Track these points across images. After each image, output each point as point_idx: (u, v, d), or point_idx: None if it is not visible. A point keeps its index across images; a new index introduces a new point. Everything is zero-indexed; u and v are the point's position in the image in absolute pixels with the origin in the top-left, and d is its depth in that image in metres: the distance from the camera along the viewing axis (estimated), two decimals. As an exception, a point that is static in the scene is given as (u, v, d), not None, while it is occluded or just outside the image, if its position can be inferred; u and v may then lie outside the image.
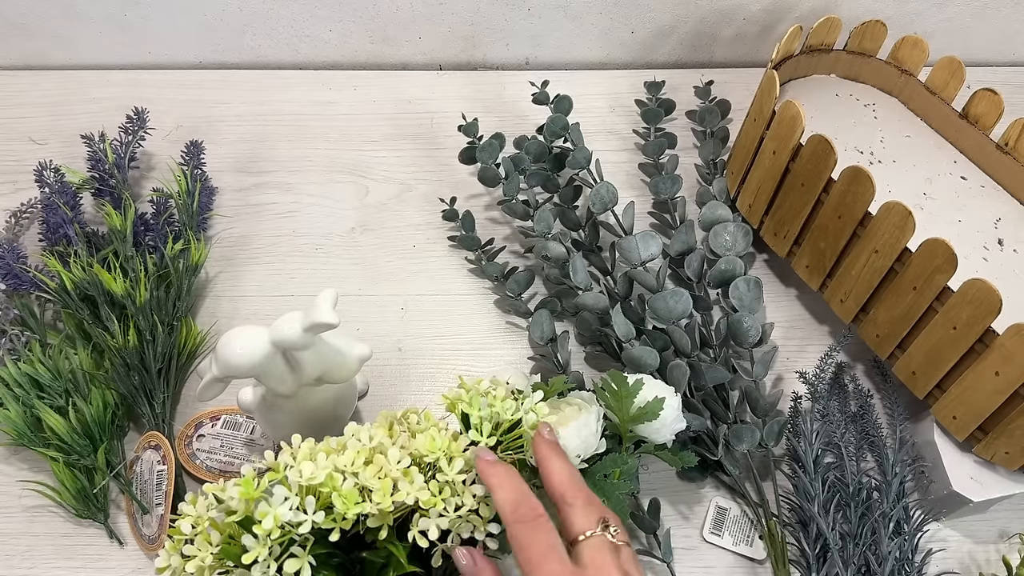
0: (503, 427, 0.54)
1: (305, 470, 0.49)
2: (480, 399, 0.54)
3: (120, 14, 0.88)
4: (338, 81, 0.93)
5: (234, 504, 0.48)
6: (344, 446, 0.52)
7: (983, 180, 0.78)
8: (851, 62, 0.83)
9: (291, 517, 0.47)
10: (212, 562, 0.49)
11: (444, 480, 0.50)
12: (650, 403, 0.61)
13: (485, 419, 0.53)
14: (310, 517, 0.48)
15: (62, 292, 0.72)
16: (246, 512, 0.48)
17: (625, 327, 0.70)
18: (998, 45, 0.95)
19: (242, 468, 0.52)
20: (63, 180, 0.77)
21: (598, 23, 0.92)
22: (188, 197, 0.78)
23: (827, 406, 0.70)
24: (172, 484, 0.65)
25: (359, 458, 0.50)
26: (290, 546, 0.48)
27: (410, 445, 0.52)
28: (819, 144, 0.67)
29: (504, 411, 0.53)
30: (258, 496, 0.48)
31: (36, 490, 0.67)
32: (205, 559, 0.49)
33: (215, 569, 0.49)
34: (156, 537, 0.65)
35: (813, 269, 0.73)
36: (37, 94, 0.89)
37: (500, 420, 0.53)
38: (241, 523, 0.48)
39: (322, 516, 0.48)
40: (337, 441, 0.53)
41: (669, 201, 0.80)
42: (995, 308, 0.59)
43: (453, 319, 0.78)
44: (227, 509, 0.48)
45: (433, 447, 0.51)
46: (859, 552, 0.64)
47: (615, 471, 0.61)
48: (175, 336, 0.73)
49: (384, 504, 0.48)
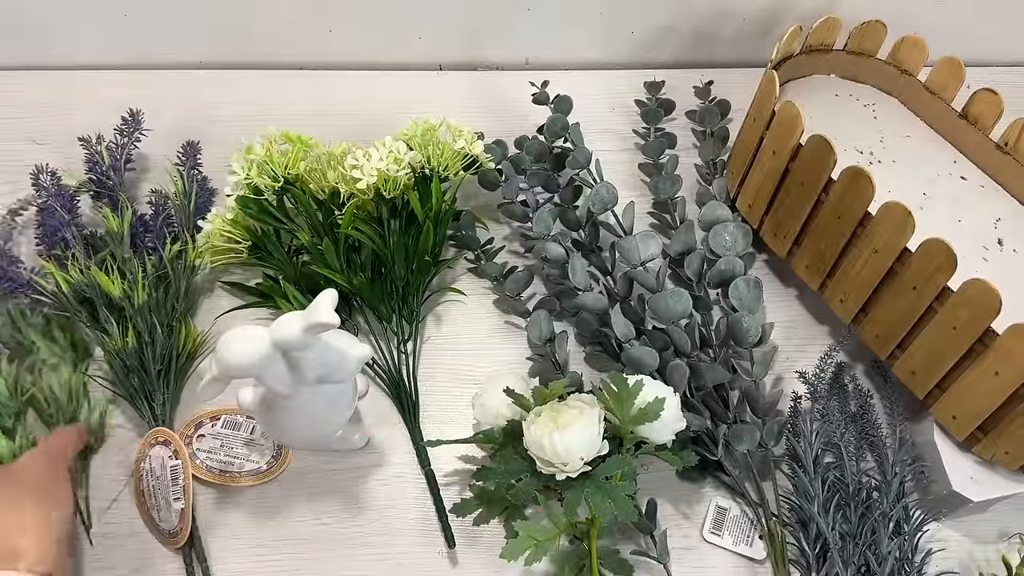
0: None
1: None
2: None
3: (120, 14, 0.88)
4: (338, 81, 0.92)
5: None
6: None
7: (983, 180, 0.78)
8: (851, 62, 0.83)
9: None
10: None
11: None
12: (650, 404, 0.61)
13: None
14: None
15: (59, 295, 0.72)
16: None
17: (625, 327, 0.70)
18: (998, 45, 0.95)
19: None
20: (60, 183, 0.77)
21: (598, 23, 0.92)
22: (184, 198, 0.78)
23: (827, 406, 0.70)
24: (189, 477, 0.66)
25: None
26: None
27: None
28: (819, 144, 0.67)
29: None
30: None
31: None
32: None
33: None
34: (178, 531, 0.65)
35: (813, 269, 0.73)
36: (37, 94, 0.89)
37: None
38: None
39: None
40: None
41: (669, 201, 0.80)
42: (995, 308, 0.59)
43: (452, 318, 0.78)
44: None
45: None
46: (859, 552, 0.64)
47: (617, 473, 0.61)
48: (174, 337, 0.72)
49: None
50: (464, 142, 0.75)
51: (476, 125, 0.80)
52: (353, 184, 0.72)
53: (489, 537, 0.68)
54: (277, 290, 0.74)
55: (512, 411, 0.66)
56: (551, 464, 0.60)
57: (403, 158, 0.72)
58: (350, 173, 0.72)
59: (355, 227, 0.72)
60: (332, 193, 0.75)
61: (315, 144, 0.77)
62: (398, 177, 0.72)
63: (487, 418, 0.67)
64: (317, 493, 0.70)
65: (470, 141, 0.75)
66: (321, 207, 0.75)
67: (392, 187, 0.73)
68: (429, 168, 0.74)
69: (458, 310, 0.79)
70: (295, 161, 0.75)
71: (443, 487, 0.70)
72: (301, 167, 0.75)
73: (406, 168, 0.73)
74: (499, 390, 0.65)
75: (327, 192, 0.75)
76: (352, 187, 0.72)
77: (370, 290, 0.73)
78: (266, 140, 0.75)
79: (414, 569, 0.68)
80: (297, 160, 0.75)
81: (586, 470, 0.61)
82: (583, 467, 0.60)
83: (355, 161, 0.72)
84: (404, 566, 0.68)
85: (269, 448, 0.70)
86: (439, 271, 0.78)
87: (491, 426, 0.67)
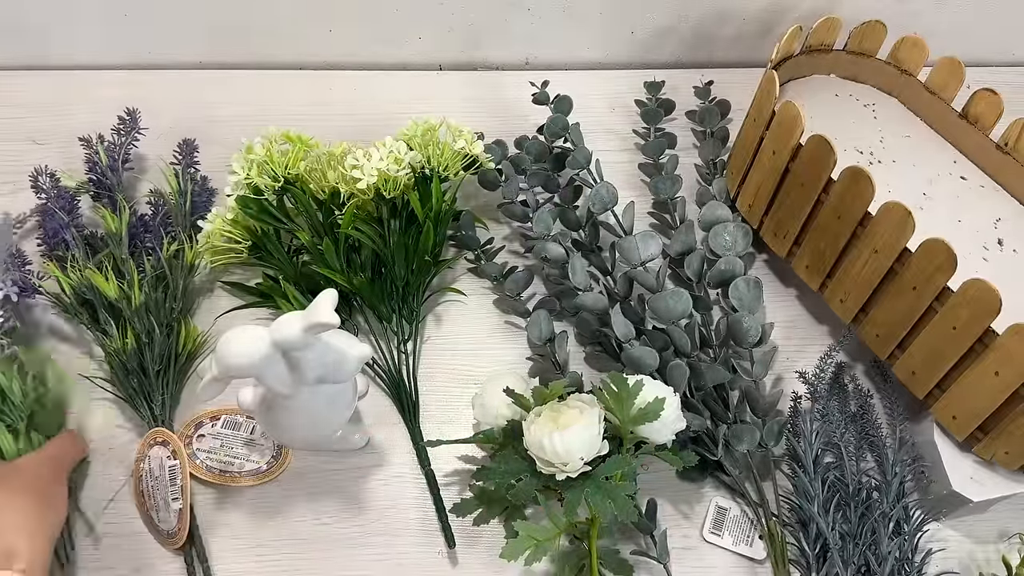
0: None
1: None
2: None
3: (120, 14, 0.88)
4: (338, 81, 0.92)
5: None
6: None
7: (983, 180, 0.78)
8: (851, 62, 0.83)
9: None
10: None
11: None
12: (650, 404, 0.61)
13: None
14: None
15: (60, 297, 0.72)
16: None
17: (625, 327, 0.70)
18: (998, 45, 0.95)
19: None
20: (59, 185, 0.77)
21: (598, 23, 0.92)
22: (180, 197, 0.78)
23: (827, 406, 0.70)
24: (187, 477, 0.66)
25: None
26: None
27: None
28: (819, 144, 0.67)
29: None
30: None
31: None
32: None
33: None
34: (176, 531, 0.65)
35: (813, 269, 0.73)
36: (37, 94, 0.89)
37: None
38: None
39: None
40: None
41: (669, 201, 0.80)
42: (995, 308, 0.59)
43: (452, 318, 0.78)
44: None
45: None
46: (859, 552, 0.64)
47: (617, 473, 0.61)
48: (173, 338, 0.72)
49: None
50: (464, 142, 0.75)
51: (476, 125, 0.80)
52: (353, 184, 0.72)
53: (489, 537, 0.68)
54: (277, 290, 0.74)
55: (512, 411, 0.66)
56: (551, 464, 0.60)
57: (403, 158, 0.72)
58: (350, 173, 0.72)
59: (355, 227, 0.72)
60: (332, 193, 0.75)
61: (315, 144, 0.77)
62: (398, 177, 0.72)
63: (487, 418, 0.67)
64: (317, 493, 0.70)
65: (470, 141, 0.76)
66: (321, 207, 0.76)
67: (392, 187, 0.73)
68: (429, 168, 0.74)
69: (458, 310, 0.79)
70: (295, 161, 0.75)
71: (443, 487, 0.70)
72: (301, 167, 0.75)
73: (406, 168, 0.73)
74: (499, 390, 0.65)
75: (327, 192, 0.75)
76: (352, 187, 0.72)
77: (370, 290, 0.73)
78: (266, 140, 0.75)
79: (414, 569, 0.68)
80: (297, 160, 0.75)
81: (586, 470, 0.61)
82: (583, 467, 0.60)
83: (355, 161, 0.72)
84: (404, 566, 0.68)
85: (269, 448, 0.70)
86: (439, 271, 0.78)
87: (491, 426, 0.67)
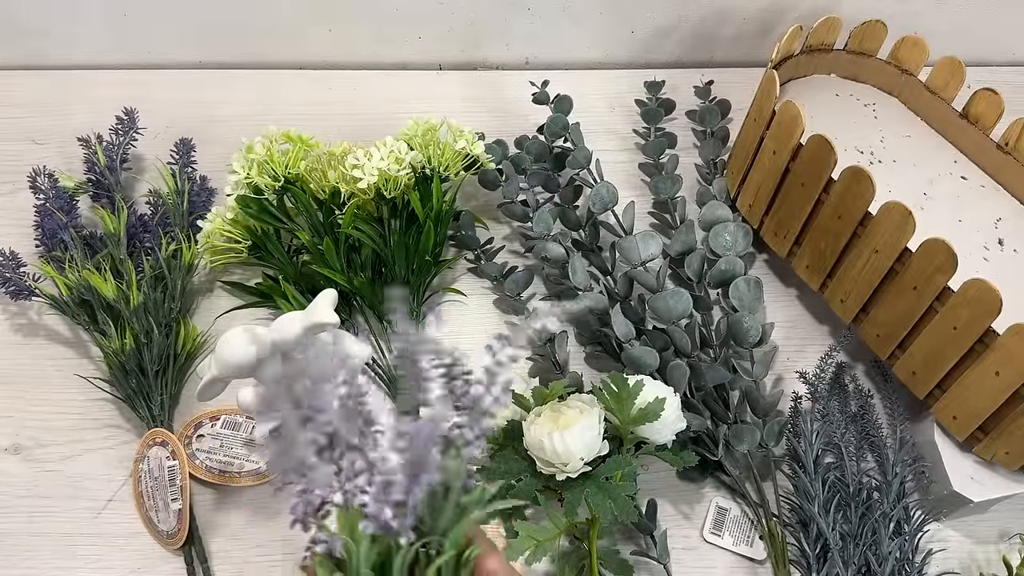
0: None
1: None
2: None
3: (119, 14, 0.88)
4: (338, 81, 0.92)
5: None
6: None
7: (983, 180, 0.78)
8: (851, 62, 0.83)
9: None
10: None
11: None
12: (650, 404, 0.61)
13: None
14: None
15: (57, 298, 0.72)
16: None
17: (625, 327, 0.70)
18: (998, 45, 0.95)
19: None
20: (57, 185, 0.77)
21: (598, 23, 0.92)
22: (178, 196, 0.78)
23: (827, 406, 0.70)
24: (187, 477, 0.66)
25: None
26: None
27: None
28: (819, 144, 0.67)
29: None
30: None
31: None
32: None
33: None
34: (175, 532, 0.65)
35: (813, 269, 0.73)
36: (36, 94, 0.89)
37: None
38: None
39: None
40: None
41: (669, 201, 0.80)
42: (995, 308, 0.59)
43: (452, 319, 0.78)
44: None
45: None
46: (859, 552, 0.64)
47: (617, 473, 0.61)
48: (172, 338, 0.72)
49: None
50: (465, 142, 0.75)
51: (476, 125, 0.80)
52: (354, 184, 0.72)
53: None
54: (277, 290, 0.74)
55: (512, 411, 0.66)
56: (551, 464, 0.60)
57: (404, 158, 0.72)
58: (351, 173, 0.72)
59: (355, 227, 0.72)
60: (332, 193, 0.75)
61: (315, 144, 0.77)
62: (399, 177, 0.72)
63: (487, 418, 0.67)
64: (317, 493, 0.70)
65: (471, 141, 0.76)
66: (321, 207, 0.76)
67: (393, 187, 0.73)
68: (430, 168, 0.74)
69: (458, 310, 0.79)
70: (295, 161, 0.75)
71: (443, 487, 0.70)
72: (301, 167, 0.75)
73: (407, 168, 0.73)
74: (499, 390, 0.65)
75: (327, 192, 0.75)
76: (353, 187, 0.72)
77: (370, 290, 0.73)
78: (266, 140, 0.75)
79: (414, 569, 0.68)
80: (297, 160, 0.75)
81: (586, 470, 0.61)
82: (583, 467, 0.60)
83: (356, 161, 0.72)
84: (404, 566, 0.68)
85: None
86: (439, 271, 0.78)
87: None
